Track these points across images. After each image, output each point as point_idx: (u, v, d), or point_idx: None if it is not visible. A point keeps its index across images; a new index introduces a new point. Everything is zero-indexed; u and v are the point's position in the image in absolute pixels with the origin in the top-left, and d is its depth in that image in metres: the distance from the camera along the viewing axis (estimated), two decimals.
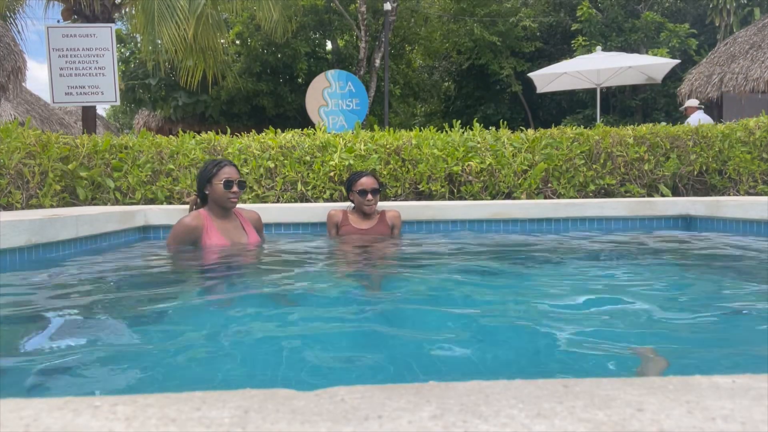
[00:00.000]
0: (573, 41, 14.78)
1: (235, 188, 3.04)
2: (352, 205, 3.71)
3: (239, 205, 3.60)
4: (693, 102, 8.79)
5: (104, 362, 1.32)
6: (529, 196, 5.04)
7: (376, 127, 5.78)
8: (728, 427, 0.50)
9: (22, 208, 4.19)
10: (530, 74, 11.20)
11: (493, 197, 5.07)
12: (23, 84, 9.06)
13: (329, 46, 16.67)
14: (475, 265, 2.84)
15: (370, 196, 3.51)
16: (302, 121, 13.37)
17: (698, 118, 7.88)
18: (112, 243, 3.47)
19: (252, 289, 2.30)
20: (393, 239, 3.61)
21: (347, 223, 3.60)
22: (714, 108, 12.36)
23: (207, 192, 3.09)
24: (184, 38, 8.96)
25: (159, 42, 9.42)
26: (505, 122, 5.91)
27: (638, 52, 13.87)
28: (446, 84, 19.89)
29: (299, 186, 4.84)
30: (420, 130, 5.28)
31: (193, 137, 5.06)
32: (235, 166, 3.15)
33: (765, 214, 3.73)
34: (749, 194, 5.36)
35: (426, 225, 4.15)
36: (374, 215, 3.65)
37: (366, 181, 3.52)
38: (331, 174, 4.87)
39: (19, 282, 2.38)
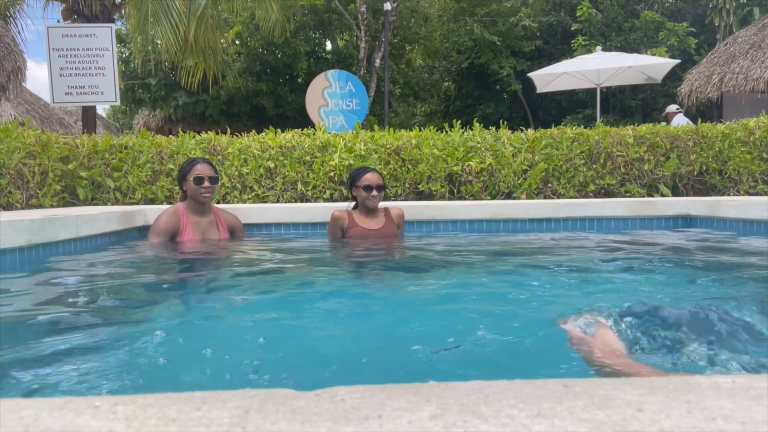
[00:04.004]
0: (573, 41, 14.77)
1: (206, 183, 3.25)
2: (353, 203, 3.64)
3: (222, 206, 3.73)
4: (672, 107, 9.32)
5: (104, 362, 1.32)
6: (529, 196, 5.03)
7: (376, 127, 5.78)
8: (728, 427, 0.50)
9: (22, 208, 4.19)
10: (530, 74, 11.19)
11: (493, 197, 5.07)
12: (23, 84, 9.06)
13: (329, 45, 16.66)
14: (475, 265, 2.84)
15: (375, 192, 3.46)
16: (302, 121, 13.35)
17: (678, 122, 8.15)
18: (112, 243, 3.47)
19: (253, 289, 2.30)
20: (400, 239, 3.60)
21: (355, 225, 3.48)
22: (714, 108, 12.35)
23: (184, 189, 3.32)
24: (182, 39, 8.94)
25: (157, 42, 9.40)
26: (505, 122, 5.90)
27: (638, 51, 13.86)
28: (446, 84, 19.88)
29: (299, 186, 4.85)
30: (420, 130, 5.27)
31: (193, 137, 5.06)
32: (209, 163, 3.35)
33: (765, 214, 3.72)
34: (749, 194, 5.36)
35: (426, 225, 4.15)
36: (379, 213, 3.58)
37: (371, 177, 3.48)
38: (331, 174, 4.87)
39: (19, 282, 2.38)
